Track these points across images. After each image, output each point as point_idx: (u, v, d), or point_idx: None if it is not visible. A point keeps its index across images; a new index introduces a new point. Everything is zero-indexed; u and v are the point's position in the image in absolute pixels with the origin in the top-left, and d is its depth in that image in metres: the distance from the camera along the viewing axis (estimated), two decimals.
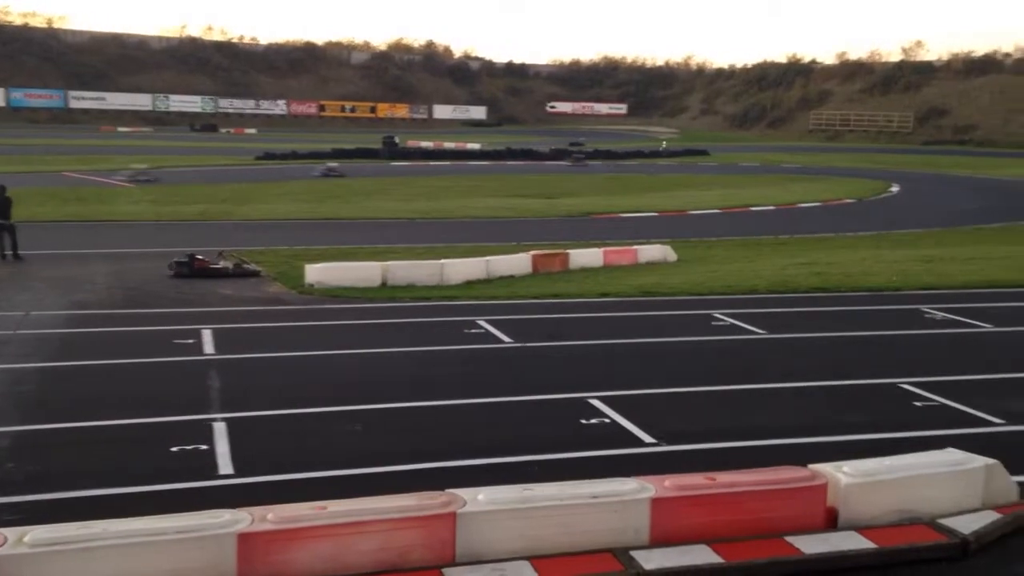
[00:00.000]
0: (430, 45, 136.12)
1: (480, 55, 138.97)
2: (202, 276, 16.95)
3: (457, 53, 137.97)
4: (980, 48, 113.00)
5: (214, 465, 7.72)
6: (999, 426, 9.14)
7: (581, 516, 6.03)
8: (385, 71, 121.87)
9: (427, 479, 7.11)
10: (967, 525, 6.44)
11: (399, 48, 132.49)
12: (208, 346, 11.89)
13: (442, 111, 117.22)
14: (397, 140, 66.93)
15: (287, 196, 34.34)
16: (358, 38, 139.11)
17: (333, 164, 46.84)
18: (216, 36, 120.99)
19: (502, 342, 12.52)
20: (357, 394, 9.86)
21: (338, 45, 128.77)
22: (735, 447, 8.39)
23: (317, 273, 16.43)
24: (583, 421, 9.10)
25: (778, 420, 9.30)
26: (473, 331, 13.07)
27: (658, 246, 21.02)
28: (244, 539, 5.45)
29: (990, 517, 6.61)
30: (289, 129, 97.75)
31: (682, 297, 15.99)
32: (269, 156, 54.72)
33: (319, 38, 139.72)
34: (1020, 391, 10.41)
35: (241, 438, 8.35)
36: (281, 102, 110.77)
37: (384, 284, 16.50)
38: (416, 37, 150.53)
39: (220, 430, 8.54)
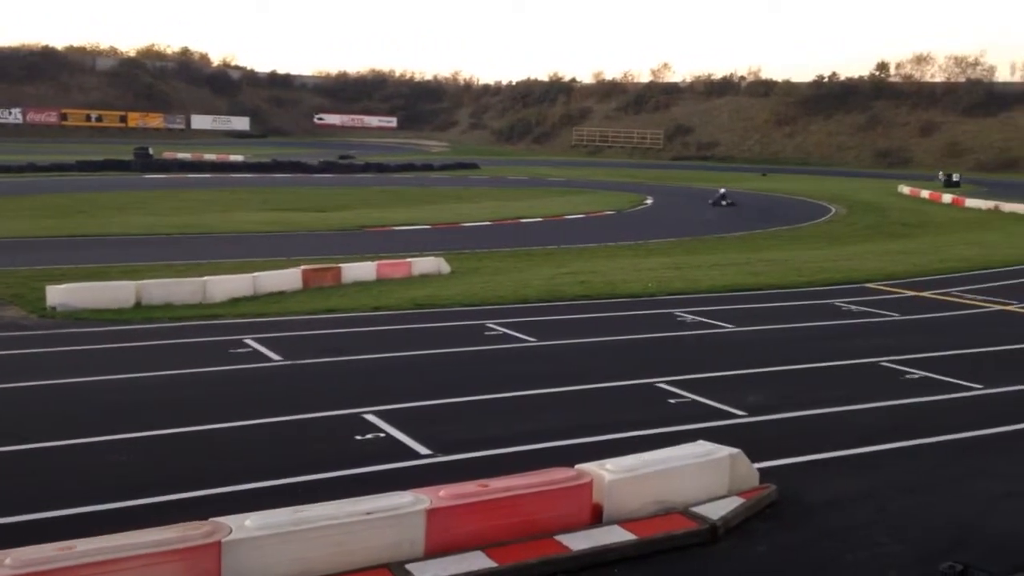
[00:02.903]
0: (185, 52, 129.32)
1: (241, 64, 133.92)
2: None
3: (215, 61, 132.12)
4: (719, 71, 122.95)
5: None
6: (741, 418, 10.00)
7: (356, 533, 5.93)
8: (135, 78, 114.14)
9: (191, 509, 6.72)
10: (715, 511, 6.99)
11: (150, 55, 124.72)
12: None
13: (201, 121, 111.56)
14: (151, 151, 63.11)
15: (26, 211, 31.35)
16: (103, 43, 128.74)
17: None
18: None
19: (271, 360, 12.10)
20: (108, 423, 9.15)
21: (81, 50, 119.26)
22: (509, 453, 8.61)
23: (60, 294, 15.12)
24: (358, 437, 8.97)
25: (548, 424, 9.62)
26: (240, 350, 12.53)
27: (432, 258, 21.20)
28: None
29: (735, 502, 7.20)
30: (26, 139, 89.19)
31: (456, 308, 16.22)
32: (3, 169, 49.73)
33: (58, 42, 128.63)
34: (758, 385, 11.45)
35: None
36: (16, 110, 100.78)
37: (139, 304, 15.48)
38: (169, 43, 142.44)
39: None
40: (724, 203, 43.09)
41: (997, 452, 9.15)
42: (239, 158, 66.82)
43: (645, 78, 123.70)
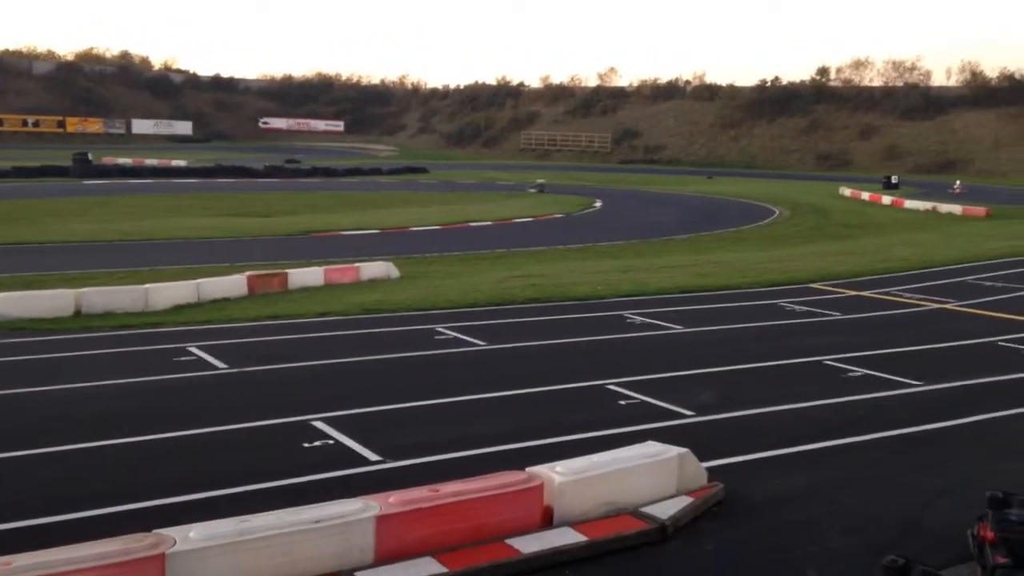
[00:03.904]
0: (125, 56, 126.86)
1: (183, 67, 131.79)
2: None
3: (156, 64, 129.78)
4: (665, 76, 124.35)
5: None
6: (690, 417, 10.10)
7: (304, 542, 5.85)
8: (73, 83, 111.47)
9: (135, 521, 6.56)
10: (665, 511, 7.04)
11: (89, 58, 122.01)
12: None
13: (142, 126, 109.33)
14: (91, 157, 61.75)
15: None
16: (40, 46, 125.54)
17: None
18: None
19: (216, 368, 11.89)
20: (47, 435, 8.91)
21: (17, 54, 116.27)
22: (460, 457, 8.57)
23: None
24: (306, 444, 8.86)
25: (499, 427, 9.61)
26: (183, 359, 12.31)
27: (380, 263, 21.06)
28: None
29: (684, 502, 7.26)
30: None
31: (405, 313, 16.12)
32: None
33: None
34: (706, 385, 11.57)
35: None
36: None
37: (78, 313, 15.15)
38: (108, 47, 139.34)
39: None
40: (542, 190, 53.68)
41: (936, 447, 9.37)
42: (182, 163, 65.77)
43: (592, 82, 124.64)
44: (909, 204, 48.90)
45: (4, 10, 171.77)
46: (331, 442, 8.93)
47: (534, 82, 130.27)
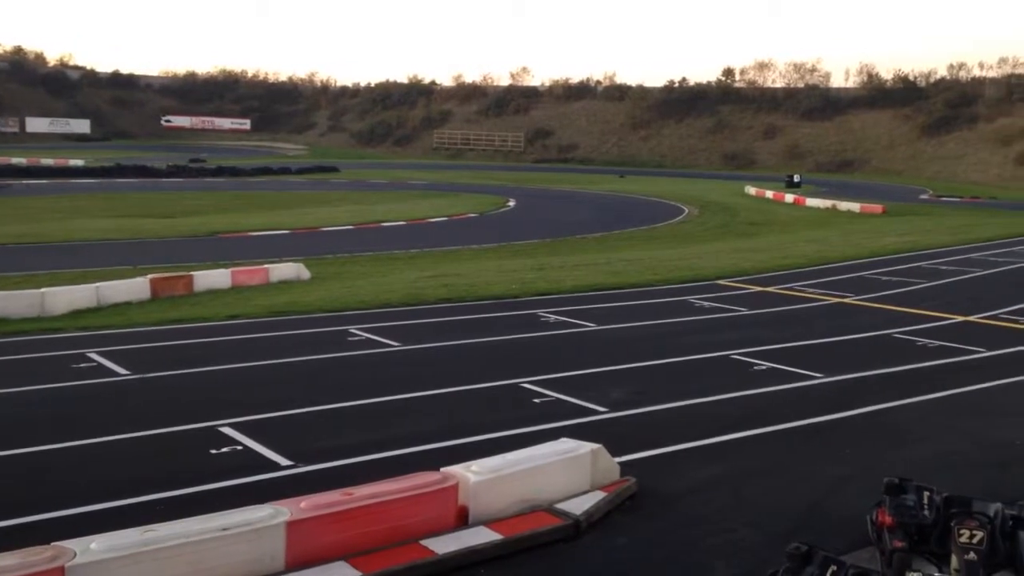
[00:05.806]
0: (18, 51, 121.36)
1: (79, 63, 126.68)
2: None
3: (52, 60, 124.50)
4: (576, 76, 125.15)
5: None
6: (603, 414, 10.23)
7: (211, 551, 5.70)
8: None
9: (33, 533, 6.29)
10: (578, 506, 7.12)
11: None
12: None
13: (37, 124, 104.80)
14: None
15: None
16: None
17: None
18: None
19: (117, 375, 11.49)
20: None
21: None
22: (374, 459, 8.48)
23: None
24: (213, 451, 8.64)
25: (414, 428, 9.55)
26: (82, 365, 11.85)
27: (291, 264, 20.69)
28: None
29: (597, 497, 7.35)
30: None
31: (317, 314, 15.88)
32: None
33: None
34: (618, 381, 11.74)
35: None
36: None
37: None
38: (0, 42, 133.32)
39: None
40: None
41: (837, 436, 9.72)
42: (79, 162, 63.44)
43: (505, 81, 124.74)
44: (811, 202, 50.59)
45: None
46: (240, 448, 8.73)
47: (446, 81, 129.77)
